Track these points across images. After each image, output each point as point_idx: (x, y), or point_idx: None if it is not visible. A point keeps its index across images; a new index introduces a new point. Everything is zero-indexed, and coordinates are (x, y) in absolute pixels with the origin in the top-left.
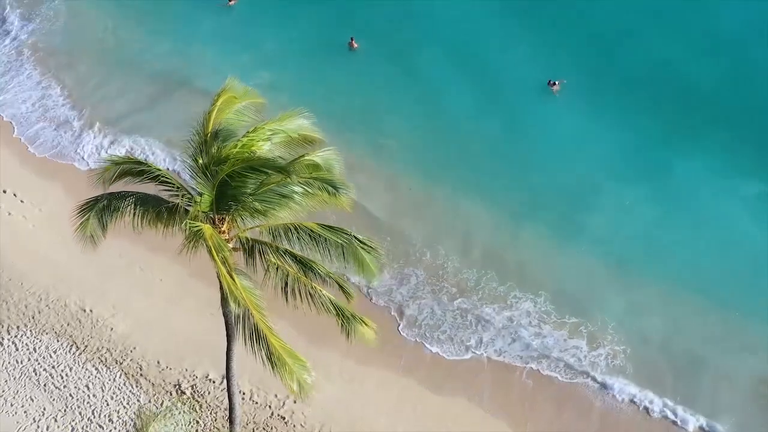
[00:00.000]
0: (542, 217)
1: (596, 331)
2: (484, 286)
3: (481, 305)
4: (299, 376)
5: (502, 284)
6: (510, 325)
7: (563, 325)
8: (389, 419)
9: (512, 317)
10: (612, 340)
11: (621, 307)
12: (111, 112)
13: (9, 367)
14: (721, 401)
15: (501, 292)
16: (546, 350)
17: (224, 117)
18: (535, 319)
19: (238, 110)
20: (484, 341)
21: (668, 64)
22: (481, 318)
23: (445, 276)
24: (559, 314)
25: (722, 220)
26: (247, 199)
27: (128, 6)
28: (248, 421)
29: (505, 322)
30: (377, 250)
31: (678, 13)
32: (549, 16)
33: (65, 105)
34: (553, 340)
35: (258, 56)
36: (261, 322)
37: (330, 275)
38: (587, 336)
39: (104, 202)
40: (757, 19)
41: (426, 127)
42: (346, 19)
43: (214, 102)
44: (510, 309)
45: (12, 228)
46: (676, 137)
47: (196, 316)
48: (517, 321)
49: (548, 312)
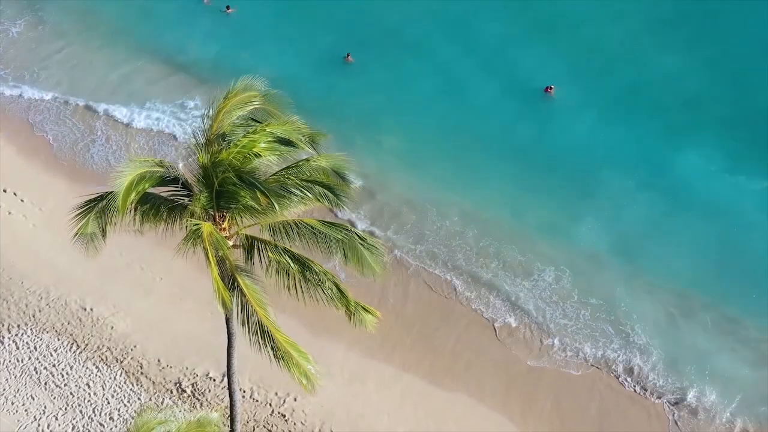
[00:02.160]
0: (539, 218)
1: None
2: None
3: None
4: (305, 368)
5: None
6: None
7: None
8: (390, 417)
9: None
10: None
11: (621, 303)
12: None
13: (10, 366)
14: (726, 396)
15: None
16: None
17: (232, 118)
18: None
19: (249, 111)
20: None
21: (668, 62)
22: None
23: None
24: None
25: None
26: (244, 200)
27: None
28: (248, 419)
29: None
30: (377, 247)
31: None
32: (546, 20)
33: (66, 104)
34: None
35: (253, 64)
36: (264, 319)
37: (326, 273)
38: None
39: (104, 203)
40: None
41: (427, 130)
42: (341, 30)
43: (225, 100)
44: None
45: (12, 227)
46: (675, 137)
47: (197, 314)
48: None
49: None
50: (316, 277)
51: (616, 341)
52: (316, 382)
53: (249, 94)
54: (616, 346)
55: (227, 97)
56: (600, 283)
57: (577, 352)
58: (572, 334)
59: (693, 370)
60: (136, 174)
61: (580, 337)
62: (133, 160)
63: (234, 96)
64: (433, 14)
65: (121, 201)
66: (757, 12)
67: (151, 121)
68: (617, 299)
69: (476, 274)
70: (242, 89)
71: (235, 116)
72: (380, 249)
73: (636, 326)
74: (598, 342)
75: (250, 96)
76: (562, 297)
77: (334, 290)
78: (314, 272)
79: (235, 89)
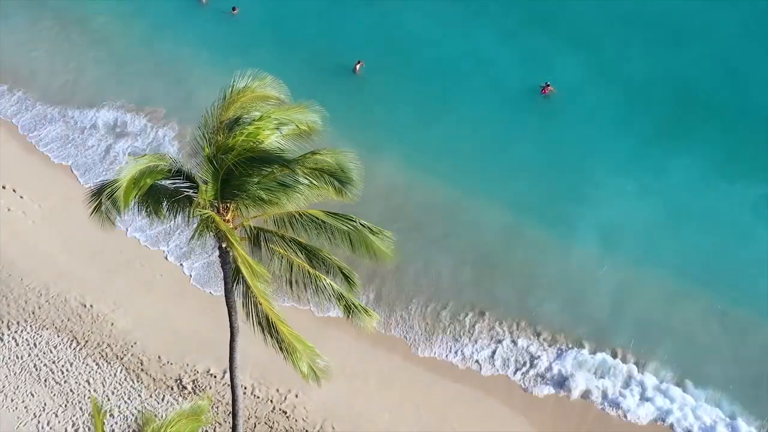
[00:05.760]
0: (539, 218)
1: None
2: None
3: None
4: (311, 361)
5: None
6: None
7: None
8: (392, 415)
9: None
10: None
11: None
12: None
13: (9, 363)
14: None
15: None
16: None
17: (238, 110)
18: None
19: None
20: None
21: (666, 63)
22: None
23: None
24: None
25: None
26: (252, 188)
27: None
28: (250, 415)
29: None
30: (384, 233)
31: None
32: (544, 21)
33: (66, 103)
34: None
35: (254, 65)
36: (270, 311)
37: (334, 262)
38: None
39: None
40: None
41: (428, 133)
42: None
43: (235, 95)
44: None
45: (12, 224)
46: (675, 137)
47: (197, 311)
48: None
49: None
50: (323, 265)
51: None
52: (323, 375)
53: (256, 84)
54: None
55: (233, 90)
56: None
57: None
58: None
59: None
60: (138, 170)
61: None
62: (135, 156)
63: (242, 93)
64: (432, 15)
65: (123, 197)
66: (757, 12)
67: (151, 121)
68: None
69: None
70: (248, 84)
71: (243, 108)
72: (389, 234)
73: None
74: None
75: (256, 87)
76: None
77: (335, 288)
78: (320, 259)
79: (239, 86)
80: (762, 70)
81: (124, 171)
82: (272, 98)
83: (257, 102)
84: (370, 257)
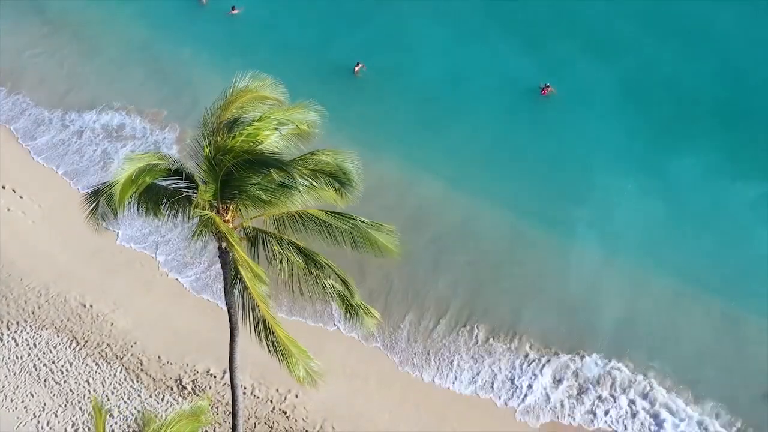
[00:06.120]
0: (539, 219)
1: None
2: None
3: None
4: (305, 364)
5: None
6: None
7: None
8: (392, 415)
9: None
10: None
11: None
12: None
13: (9, 363)
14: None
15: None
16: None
17: (237, 110)
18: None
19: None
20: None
21: (665, 64)
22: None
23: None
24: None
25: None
26: (251, 188)
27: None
28: (250, 415)
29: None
30: (386, 226)
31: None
32: (544, 22)
33: (65, 105)
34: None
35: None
36: (267, 314)
37: (332, 267)
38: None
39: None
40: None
41: (427, 134)
42: (345, 41)
43: (234, 95)
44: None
45: (12, 224)
46: (674, 138)
47: (197, 311)
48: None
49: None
50: (321, 271)
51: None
52: (318, 378)
53: (256, 85)
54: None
55: (234, 90)
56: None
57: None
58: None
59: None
60: (136, 168)
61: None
62: (134, 155)
63: (242, 93)
64: (432, 17)
65: (119, 195)
66: (757, 13)
67: (151, 122)
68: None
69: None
70: (248, 84)
71: (242, 108)
72: (391, 228)
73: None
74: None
75: (256, 88)
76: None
77: (336, 288)
78: (319, 265)
79: (240, 86)
80: (762, 70)
81: (123, 168)
82: (271, 99)
83: (256, 102)
84: (375, 254)
